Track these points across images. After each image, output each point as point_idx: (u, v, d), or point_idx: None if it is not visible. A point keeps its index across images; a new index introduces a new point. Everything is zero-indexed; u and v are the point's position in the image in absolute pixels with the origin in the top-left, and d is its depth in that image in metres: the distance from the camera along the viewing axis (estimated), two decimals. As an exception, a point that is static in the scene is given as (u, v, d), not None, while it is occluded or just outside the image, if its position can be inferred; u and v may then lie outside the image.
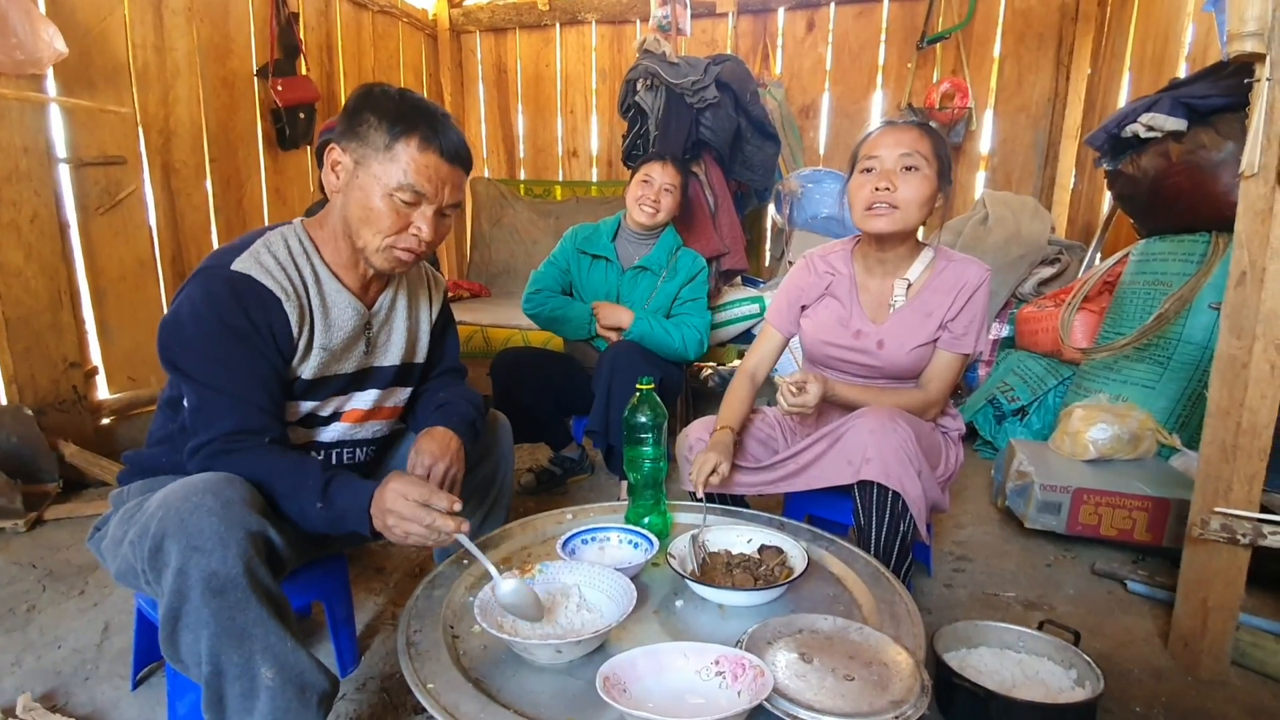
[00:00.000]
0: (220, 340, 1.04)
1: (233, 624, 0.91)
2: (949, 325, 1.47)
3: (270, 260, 1.08)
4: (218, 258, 1.08)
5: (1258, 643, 1.39)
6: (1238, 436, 1.26)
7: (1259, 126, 1.22)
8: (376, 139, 1.06)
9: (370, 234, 1.09)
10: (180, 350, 1.05)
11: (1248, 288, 1.25)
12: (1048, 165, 3.77)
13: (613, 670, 0.89)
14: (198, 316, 1.04)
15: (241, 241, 1.12)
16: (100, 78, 2.48)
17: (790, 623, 1.03)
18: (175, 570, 0.90)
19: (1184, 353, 2.06)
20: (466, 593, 1.18)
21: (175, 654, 0.95)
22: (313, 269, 1.14)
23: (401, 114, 1.06)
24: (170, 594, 0.91)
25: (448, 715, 0.85)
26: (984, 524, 2.10)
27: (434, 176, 1.08)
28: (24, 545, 1.94)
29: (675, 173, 2.21)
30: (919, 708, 0.85)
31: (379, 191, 1.07)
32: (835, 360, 1.57)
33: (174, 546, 0.90)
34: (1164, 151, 2.05)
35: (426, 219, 1.10)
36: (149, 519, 0.93)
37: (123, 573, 1.06)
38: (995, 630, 1.33)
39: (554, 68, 4.54)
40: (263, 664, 0.93)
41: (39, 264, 2.30)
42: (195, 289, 1.05)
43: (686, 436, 1.59)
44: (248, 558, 0.92)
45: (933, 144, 1.40)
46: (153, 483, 1.13)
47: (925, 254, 1.51)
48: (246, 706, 0.94)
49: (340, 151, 1.09)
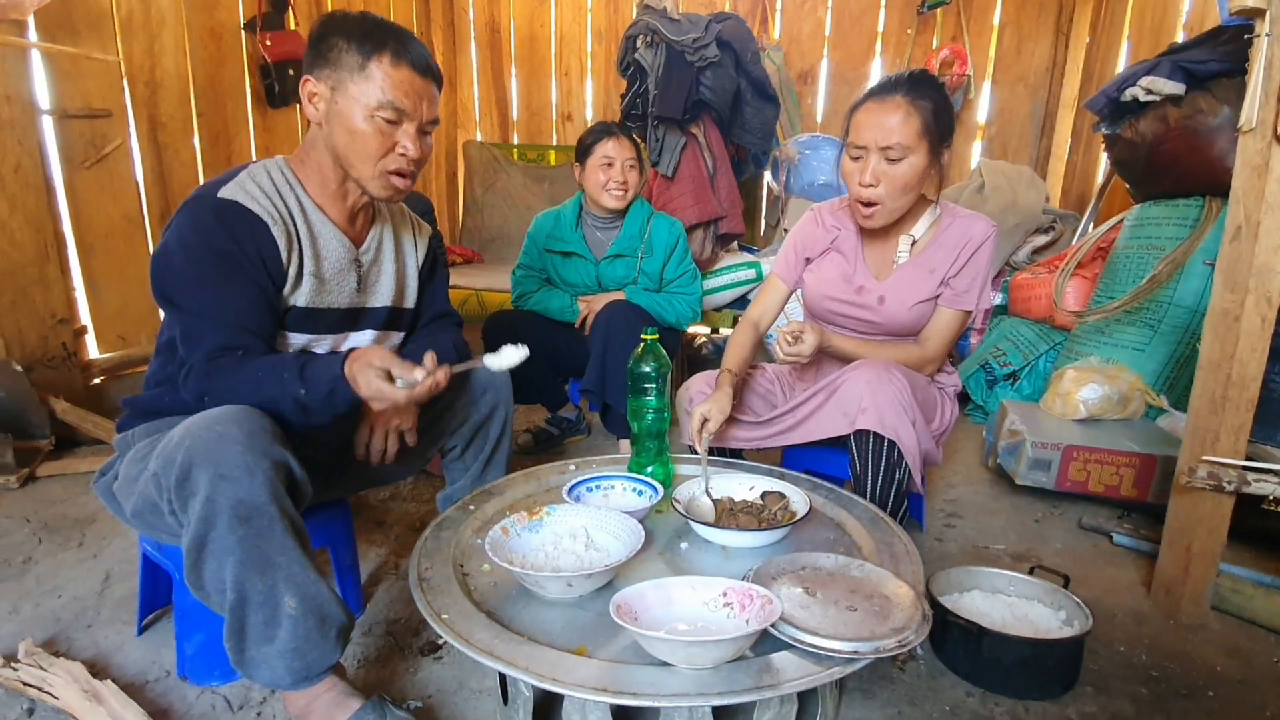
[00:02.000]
0: (208, 266, 1.04)
1: (258, 551, 0.93)
2: (950, 282, 1.48)
3: (255, 188, 1.09)
4: (205, 188, 1.09)
5: (1236, 588, 1.44)
6: (1227, 388, 1.30)
7: (1257, 82, 1.23)
8: (349, 60, 1.07)
9: (360, 161, 1.11)
10: (170, 279, 1.06)
11: (1242, 242, 1.27)
12: (1044, 135, 3.77)
13: (624, 600, 0.91)
14: (185, 245, 1.05)
15: (227, 174, 1.12)
16: (83, 25, 2.40)
17: (793, 560, 1.06)
18: (203, 498, 0.90)
19: (1174, 316, 2.10)
20: (474, 535, 1.20)
21: (199, 582, 0.96)
22: (298, 200, 1.14)
23: (368, 32, 1.07)
24: (197, 521, 0.91)
25: (464, 643, 0.87)
26: (975, 483, 2.15)
27: (410, 91, 1.09)
28: (17, 500, 1.93)
29: (630, 144, 2.09)
30: (920, 633, 0.88)
31: (360, 113, 1.08)
32: (836, 316, 1.58)
33: (202, 475, 0.90)
34: (1162, 116, 2.07)
35: (410, 137, 1.12)
36: (174, 449, 0.93)
37: (139, 510, 1.07)
38: (987, 575, 1.37)
39: (549, 28, 4.45)
40: (285, 592, 0.95)
41: (24, 215, 2.25)
42: (183, 219, 1.06)
43: (688, 390, 1.60)
44: (273, 486, 0.93)
45: (920, 121, 1.34)
46: (157, 424, 1.13)
47: (931, 210, 1.51)
48: (268, 634, 0.95)
49: (314, 82, 1.09)
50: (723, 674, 0.83)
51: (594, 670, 0.83)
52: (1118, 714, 1.17)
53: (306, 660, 0.98)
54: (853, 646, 0.85)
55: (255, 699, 1.17)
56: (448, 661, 1.26)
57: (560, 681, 0.81)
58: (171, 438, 0.96)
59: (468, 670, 1.23)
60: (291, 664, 0.97)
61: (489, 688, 1.18)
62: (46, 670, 1.15)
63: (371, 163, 1.11)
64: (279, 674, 0.97)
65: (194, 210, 1.06)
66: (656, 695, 0.79)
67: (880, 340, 1.57)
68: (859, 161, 1.40)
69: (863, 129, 1.38)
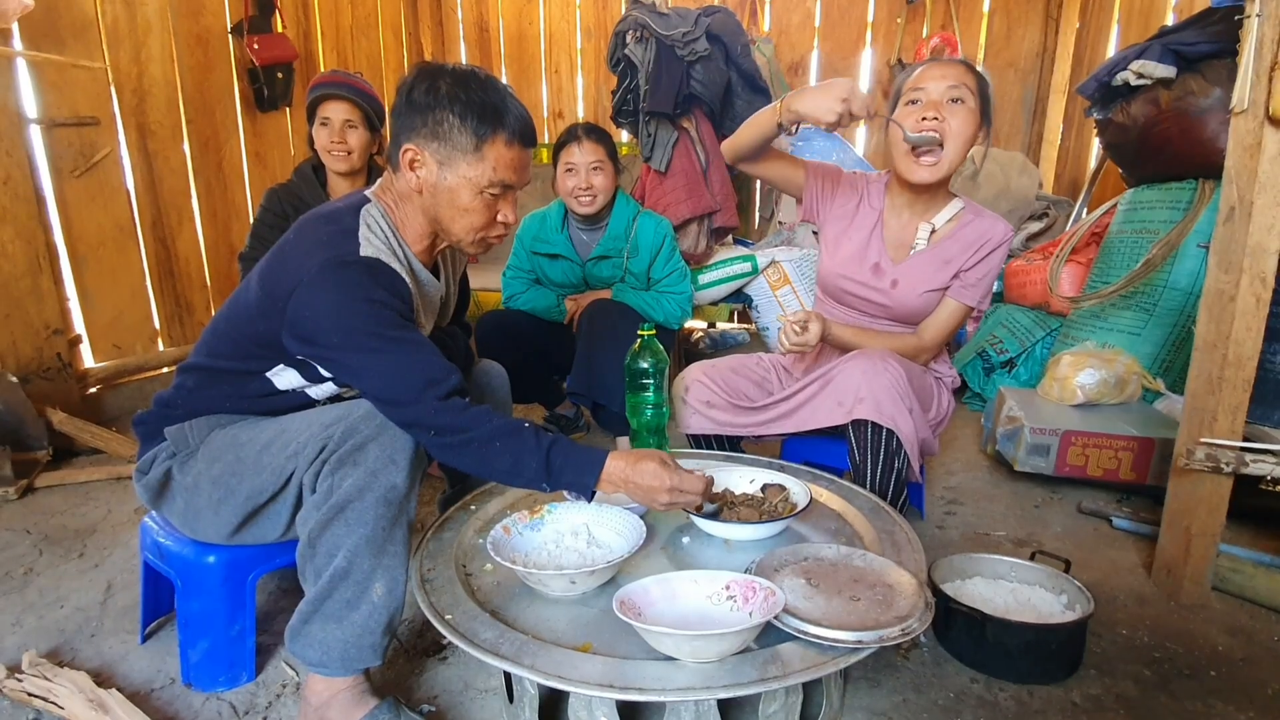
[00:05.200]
0: (388, 319, 1.02)
1: (383, 535, 0.99)
2: (963, 274, 1.49)
3: (381, 245, 1.07)
4: (337, 249, 1.03)
5: (1236, 568, 1.45)
6: (1223, 369, 1.30)
7: (1248, 62, 1.23)
8: (461, 140, 1.05)
9: (463, 229, 1.12)
10: (353, 336, 1.01)
11: (1236, 223, 1.28)
12: (1036, 121, 3.77)
13: (627, 596, 0.91)
14: (354, 301, 1.00)
15: (333, 222, 1.08)
16: (69, 33, 2.39)
17: (795, 552, 1.06)
18: (367, 470, 0.98)
19: (1169, 299, 2.10)
20: (476, 535, 1.20)
21: (318, 539, 0.99)
22: (403, 249, 1.13)
23: (482, 113, 1.05)
24: (349, 487, 0.98)
25: (468, 643, 0.87)
26: (974, 470, 2.15)
27: (519, 167, 1.11)
28: (16, 512, 1.92)
29: (596, 146, 2.04)
30: (924, 621, 0.89)
31: (470, 190, 1.08)
32: (847, 295, 1.58)
33: (376, 451, 0.99)
34: (1153, 99, 2.07)
35: (510, 205, 1.15)
36: (357, 420, 1.01)
37: (219, 475, 1.08)
38: (988, 562, 1.37)
39: (537, 26, 4.43)
40: (380, 580, 1.00)
41: (15, 228, 2.24)
42: (335, 284, 1.01)
43: (683, 379, 1.60)
44: (415, 485, 1.04)
45: (977, 80, 1.39)
46: (220, 419, 1.13)
47: (954, 204, 1.51)
48: (341, 615, 0.99)
49: (418, 151, 1.07)
50: (728, 667, 0.83)
51: (599, 667, 0.83)
52: (1122, 696, 1.17)
53: (362, 649, 1.01)
54: (857, 636, 0.85)
55: (261, 704, 1.17)
56: (453, 662, 1.26)
57: (565, 679, 0.81)
58: (355, 410, 1.02)
59: (473, 670, 1.23)
60: (348, 649, 1.00)
61: (495, 687, 1.18)
62: (51, 681, 1.15)
63: (473, 232, 1.13)
64: (331, 655, 1.00)
65: (346, 273, 1.01)
66: (662, 690, 0.79)
67: (883, 327, 1.57)
68: (917, 104, 1.38)
69: (924, 79, 1.38)
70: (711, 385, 1.57)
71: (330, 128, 1.97)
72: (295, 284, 1.01)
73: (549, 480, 1.03)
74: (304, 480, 1.02)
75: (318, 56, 3.60)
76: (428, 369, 1.01)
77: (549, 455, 1.02)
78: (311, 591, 1.00)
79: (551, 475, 1.03)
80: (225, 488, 1.08)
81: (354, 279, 1.01)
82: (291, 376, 1.11)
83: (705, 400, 1.56)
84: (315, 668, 1.02)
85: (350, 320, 1.00)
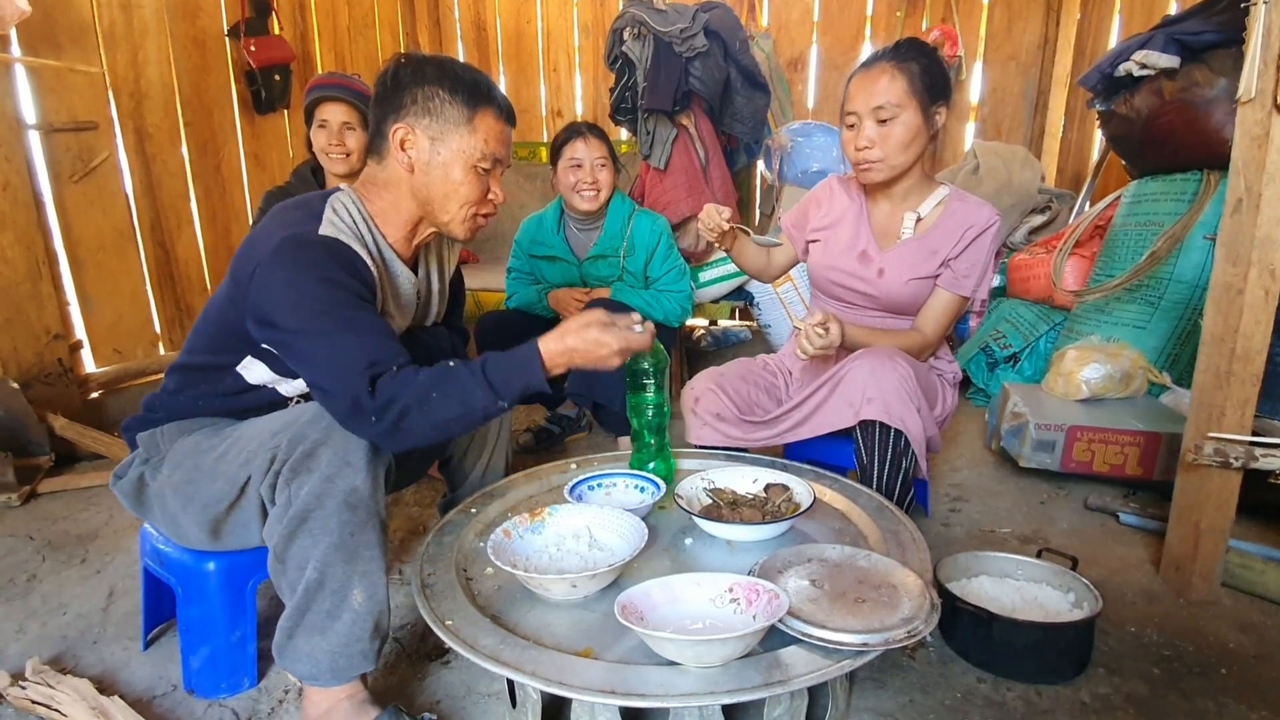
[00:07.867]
0: (342, 298, 1.00)
1: (351, 540, 0.97)
2: (951, 264, 1.47)
3: (345, 227, 1.07)
4: (297, 229, 1.03)
5: (1246, 564, 1.43)
6: (1231, 363, 1.28)
7: (1256, 51, 1.21)
8: (453, 113, 1.08)
9: (455, 207, 1.12)
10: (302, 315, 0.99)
11: (1244, 214, 1.26)
12: (1038, 114, 3.74)
13: (629, 600, 0.90)
14: (306, 281, 0.99)
15: (297, 208, 1.08)
16: (66, 38, 2.38)
17: (799, 553, 1.05)
18: (321, 476, 0.95)
19: (1175, 292, 2.08)
20: (476, 538, 1.19)
21: (285, 553, 0.97)
22: (373, 236, 1.13)
23: (471, 88, 1.09)
24: (307, 496, 0.95)
25: (469, 649, 0.86)
26: (978, 467, 2.14)
27: (506, 141, 1.14)
28: (19, 518, 1.92)
29: (600, 143, 2.07)
30: (930, 623, 0.87)
31: (462, 165, 1.09)
32: (837, 288, 1.58)
33: (327, 455, 0.95)
34: (1157, 90, 2.04)
35: (498, 181, 1.16)
36: (303, 427, 0.98)
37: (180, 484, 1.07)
38: (994, 560, 1.36)
39: (535, 24, 4.41)
40: (358, 586, 0.98)
41: (15, 233, 2.23)
42: (291, 261, 0.99)
43: (691, 389, 1.59)
44: (380, 485, 0.99)
45: (906, 80, 1.37)
46: (191, 424, 1.13)
47: (939, 192, 1.51)
48: (324, 626, 0.97)
49: (409, 129, 1.08)
50: (731, 671, 0.82)
51: (601, 672, 0.82)
52: (1131, 694, 1.16)
53: (350, 657, 0.99)
54: (862, 639, 0.84)
55: (263, 711, 1.16)
56: (455, 666, 1.25)
57: (567, 685, 0.80)
58: (301, 416, 1.00)
59: (475, 675, 1.22)
60: (337, 659, 0.98)
61: (497, 691, 1.17)
62: (54, 688, 1.15)
63: (466, 208, 1.13)
64: (320, 667, 0.99)
65: (302, 251, 1.00)
66: (665, 696, 0.79)
67: (879, 318, 1.56)
68: (854, 129, 1.44)
69: (854, 97, 1.43)
70: (722, 396, 1.54)
71: (328, 130, 1.96)
72: (255, 265, 1.00)
73: (502, 398, 1.00)
74: (261, 492, 1.00)
75: (315, 58, 3.58)
76: (373, 350, 0.97)
77: (487, 376, 1.00)
78: (290, 606, 0.98)
79: (500, 392, 1.00)
80: (185, 495, 1.07)
81: (309, 257, 1.00)
82: (261, 371, 1.10)
83: (715, 413, 1.54)
84: (308, 680, 1.01)
85: (303, 298, 0.98)
